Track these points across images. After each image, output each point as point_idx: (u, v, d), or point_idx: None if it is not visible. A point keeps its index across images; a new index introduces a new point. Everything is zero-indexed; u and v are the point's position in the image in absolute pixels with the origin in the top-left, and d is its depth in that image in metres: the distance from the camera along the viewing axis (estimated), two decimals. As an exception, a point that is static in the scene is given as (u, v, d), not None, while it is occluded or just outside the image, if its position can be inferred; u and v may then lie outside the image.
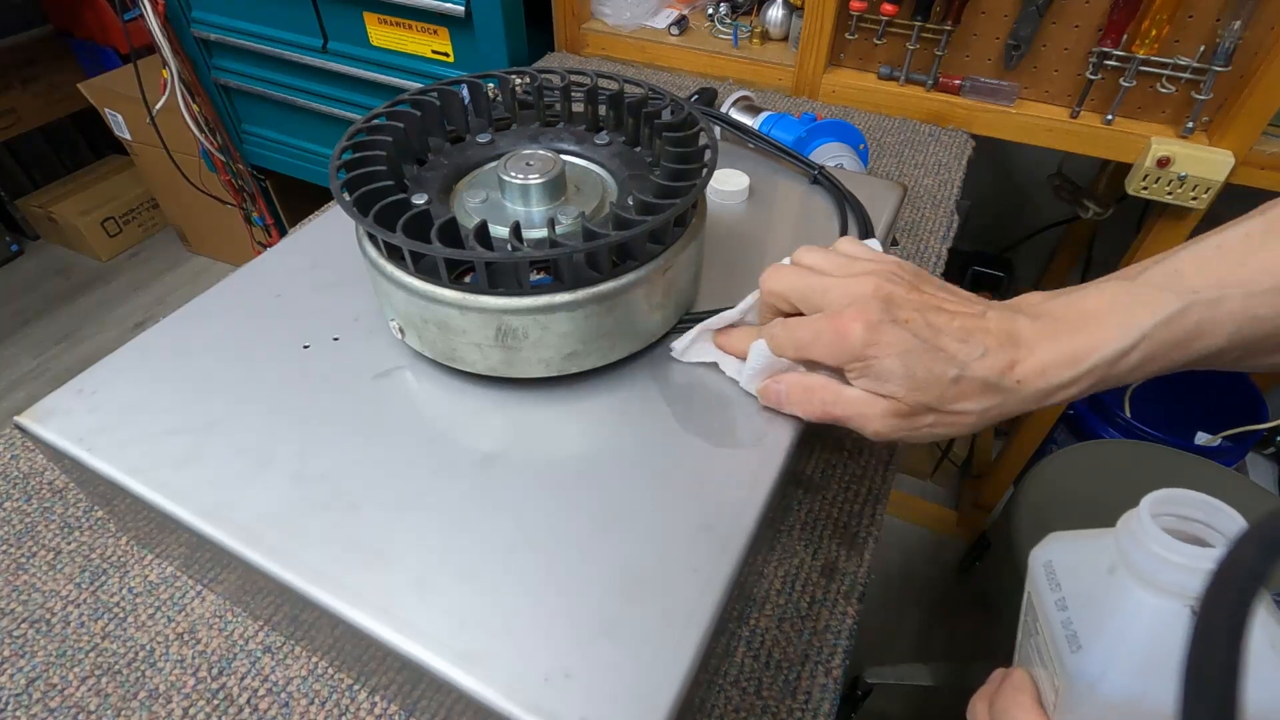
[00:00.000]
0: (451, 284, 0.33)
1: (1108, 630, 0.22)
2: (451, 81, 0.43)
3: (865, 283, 0.31)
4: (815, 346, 0.32)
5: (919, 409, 0.31)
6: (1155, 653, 0.21)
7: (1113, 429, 1.17)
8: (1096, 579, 0.23)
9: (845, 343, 0.30)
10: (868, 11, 0.87)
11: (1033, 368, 0.29)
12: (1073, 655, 0.23)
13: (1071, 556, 0.25)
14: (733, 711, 0.39)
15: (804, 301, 0.33)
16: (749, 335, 0.36)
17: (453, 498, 0.32)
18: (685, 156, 0.38)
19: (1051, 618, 0.24)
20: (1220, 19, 0.74)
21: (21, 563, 0.44)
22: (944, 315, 0.31)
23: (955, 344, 0.30)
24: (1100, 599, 0.23)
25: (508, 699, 0.26)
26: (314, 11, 1.08)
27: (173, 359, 0.38)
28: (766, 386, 0.35)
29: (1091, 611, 0.23)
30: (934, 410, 0.31)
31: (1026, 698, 0.25)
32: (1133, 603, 0.22)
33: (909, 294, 0.31)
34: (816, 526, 0.47)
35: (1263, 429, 1.12)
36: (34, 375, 1.74)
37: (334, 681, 0.38)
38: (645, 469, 0.33)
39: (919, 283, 0.33)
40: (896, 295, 0.31)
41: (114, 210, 2.01)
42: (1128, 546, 0.22)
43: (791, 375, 0.34)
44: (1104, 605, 0.23)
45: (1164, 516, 0.22)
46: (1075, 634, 0.23)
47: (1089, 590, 0.24)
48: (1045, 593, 0.25)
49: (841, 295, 0.31)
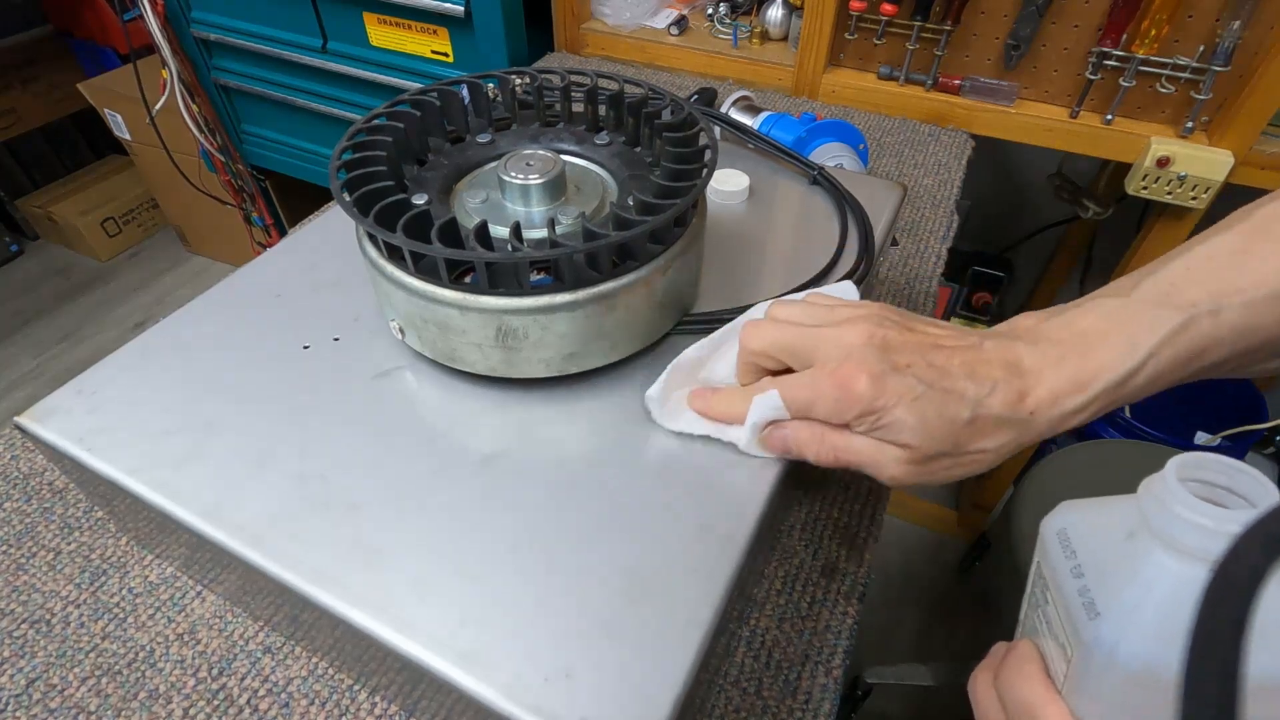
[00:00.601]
0: (452, 284, 0.33)
1: (1126, 596, 0.21)
2: (451, 82, 0.43)
3: (857, 330, 0.30)
4: (819, 406, 0.30)
5: (935, 455, 0.29)
6: (1176, 619, 0.20)
7: (1113, 429, 1.17)
8: (1114, 545, 0.23)
9: (850, 398, 0.29)
10: (867, 11, 0.87)
11: (1043, 397, 0.28)
12: (1090, 623, 0.22)
13: (1087, 523, 0.25)
14: (733, 711, 0.38)
15: (793, 357, 0.31)
16: (736, 398, 0.33)
17: (453, 498, 0.32)
18: (685, 156, 0.38)
19: (1065, 586, 0.24)
20: (1220, 19, 0.74)
21: (21, 563, 0.44)
22: (944, 353, 0.29)
23: (964, 382, 0.28)
24: (1119, 565, 0.22)
25: (508, 699, 0.26)
26: (314, 11, 1.08)
27: (173, 359, 0.38)
28: (770, 434, 0.32)
29: (1109, 578, 0.22)
30: (950, 455, 0.29)
31: (1034, 668, 0.25)
32: (1154, 567, 0.21)
33: (903, 336, 0.30)
34: (816, 526, 0.47)
35: (1263, 429, 1.12)
36: (34, 375, 1.74)
37: (334, 682, 0.38)
38: (646, 469, 0.33)
39: (909, 322, 0.31)
40: (891, 340, 0.29)
41: (114, 210, 2.01)
42: (1150, 509, 0.21)
43: (796, 421, 0.32)
44: (1123, 571, 0.22)
45: (1189, 482, 0.21)
46: (1092, 601, 0.22)
47: (1106, 556, 0.23)
48: (1059, 561, 0.24)
49: (834, 347, 0.30)
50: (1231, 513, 0.20)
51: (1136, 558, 0.22)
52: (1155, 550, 0.21)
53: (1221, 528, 0.19)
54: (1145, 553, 0.21)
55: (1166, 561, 0.21)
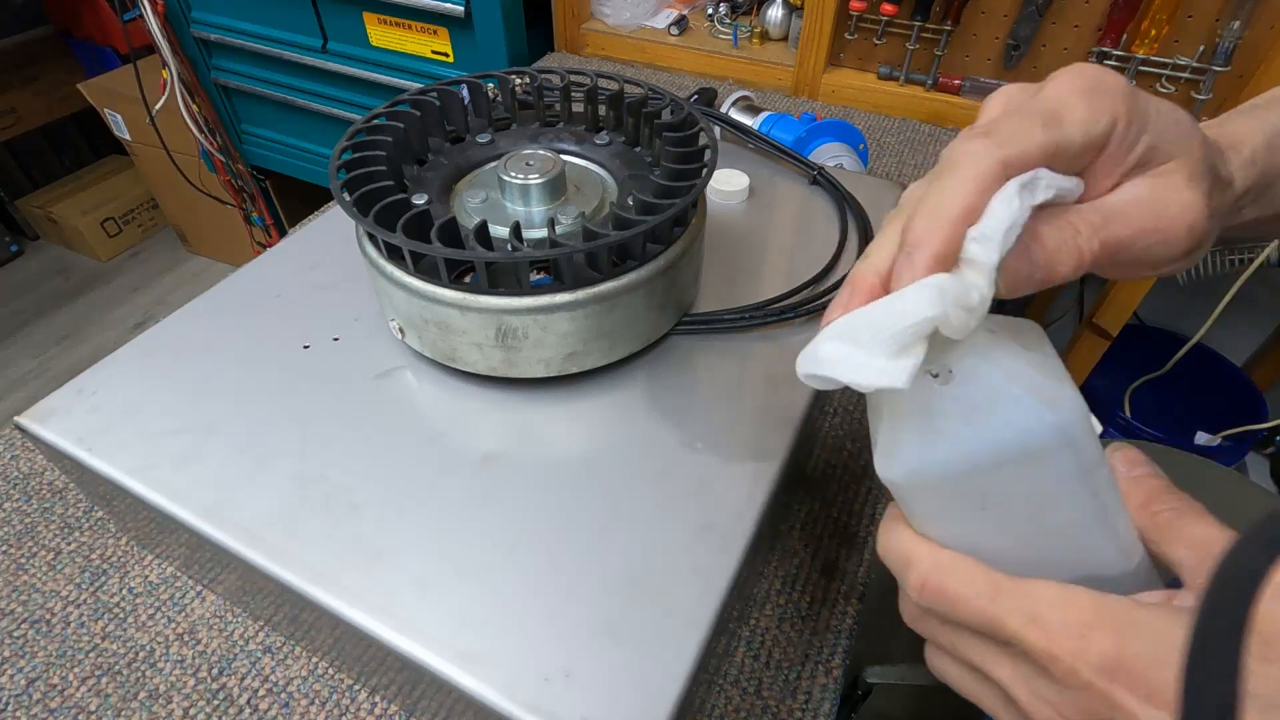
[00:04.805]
0: (451, 284, 0.33)
1: (883, 422, 0.23)
2: (451, 81, 0.43)
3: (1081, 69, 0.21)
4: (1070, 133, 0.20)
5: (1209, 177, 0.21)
6: (921, 425, 0.21)
7: (1113, 429, 1.17)
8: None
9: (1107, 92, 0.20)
10: (867, 11, 0.87)
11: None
12: (876, 460, 0.23)
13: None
14: (733, 711, 0.38)
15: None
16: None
17: (453, 498, 0.32)
18: (685, 156, 0.38)
19: (872, 437, 0.24)
20: (1220, 19, 0.74)
21: (21, 563, 0.44)
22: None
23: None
24: (874, 401, 0.24)
25: (508, 699, 0.26)
26: (314, 12, 1.08)
27: (173, 359, 0.38)
28: (1009, 266, 0.20)
29: (875, 415, 0.24)
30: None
31: (895, 521, 0.25)
32: (887, 392, 0.20)
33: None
34: (816, 526, 0.47)
35: (1263, 429, 1.12)
36: (34, 375, 1.74)
37: (334, 681, 0.38)
38: (646, 469, 0.33)
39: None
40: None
41: (114, 210, 2.01)
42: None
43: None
44: (876, 404, 0.23)
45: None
46: (876, 441, 0.23)
47: (873, 400, 0.24)
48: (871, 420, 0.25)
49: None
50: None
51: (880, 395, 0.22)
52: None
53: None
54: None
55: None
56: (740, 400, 0.37)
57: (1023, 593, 0.20)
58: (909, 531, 0.24)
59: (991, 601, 0.20)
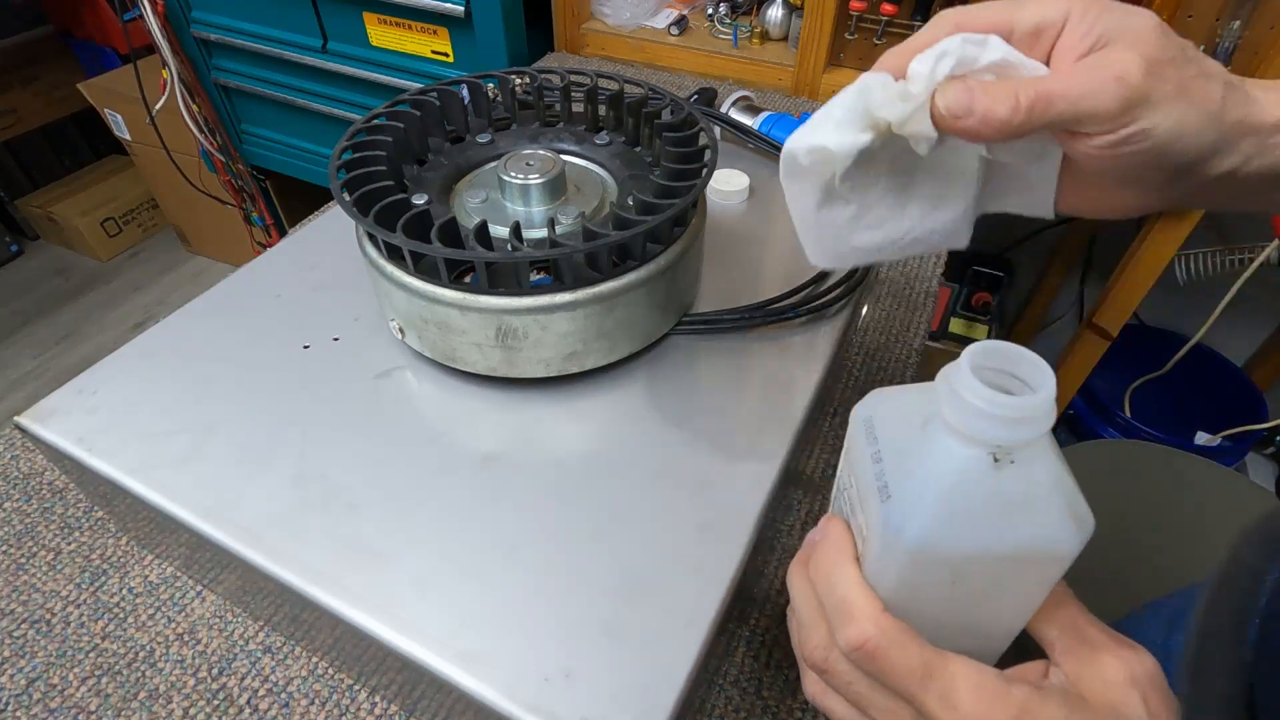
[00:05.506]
0: (451, 284, 0.33)
1: (914, 479, 0.22)
2: (451, 81, 0.43)
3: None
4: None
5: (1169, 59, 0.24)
6: (959, 501, 0.21)
7: (1113, 429, 1.17)
8: (910, 431, 0.23)
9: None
10: (868, 11, 0.87)
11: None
12: (882, 505, 0.23)
13: (890, 411, 0.25)
14: (733, 711, 0.38)
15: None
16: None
17: (453, 498, 0.32)
18: (685, 156, 0.38)
19: (865, 471, 0.24)
20: (1220, 19, 0.74)
21: (21, 563, 0.44)
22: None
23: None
24: (911, 449, 0.23)
25: (508, 699, 0.26)
26: (314, 12, 1.08)
27: (173, 359, 0.38)
28: (948, 86, 0.24)
29: (903, 462, 0.23)
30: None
31: (841, 554, 0.25)
32: (941, 450, 0.21)
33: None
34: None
35: (1263, 429, 1.12)
36: (34, 375, 1.74)
37: (334, 681, 0.38)
38: (646, 469, 0.33)
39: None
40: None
41: (114, 210, 2.01)
42: (941, 393, 0.21)
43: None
44: (914, 455, 0.23)
45: (983, 370, 0.21)
46: (886, 485, 0.23)
47: (902, 442, 0.23)
48: (862, 447, 0.25)
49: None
50: (1010, 398, 0.20)
51: (928, 442, 0.22)
52: (941, 434, 0.21)
53: (998, 411, 0.19)
54: (934, 437, 0.22)
55: (950, 445, 0.21)
56: (740, 400, 0.37)
57: (948, 674, 0.21)
58: (856, 574, 0.24)
59: (920, 681, 0.21)
